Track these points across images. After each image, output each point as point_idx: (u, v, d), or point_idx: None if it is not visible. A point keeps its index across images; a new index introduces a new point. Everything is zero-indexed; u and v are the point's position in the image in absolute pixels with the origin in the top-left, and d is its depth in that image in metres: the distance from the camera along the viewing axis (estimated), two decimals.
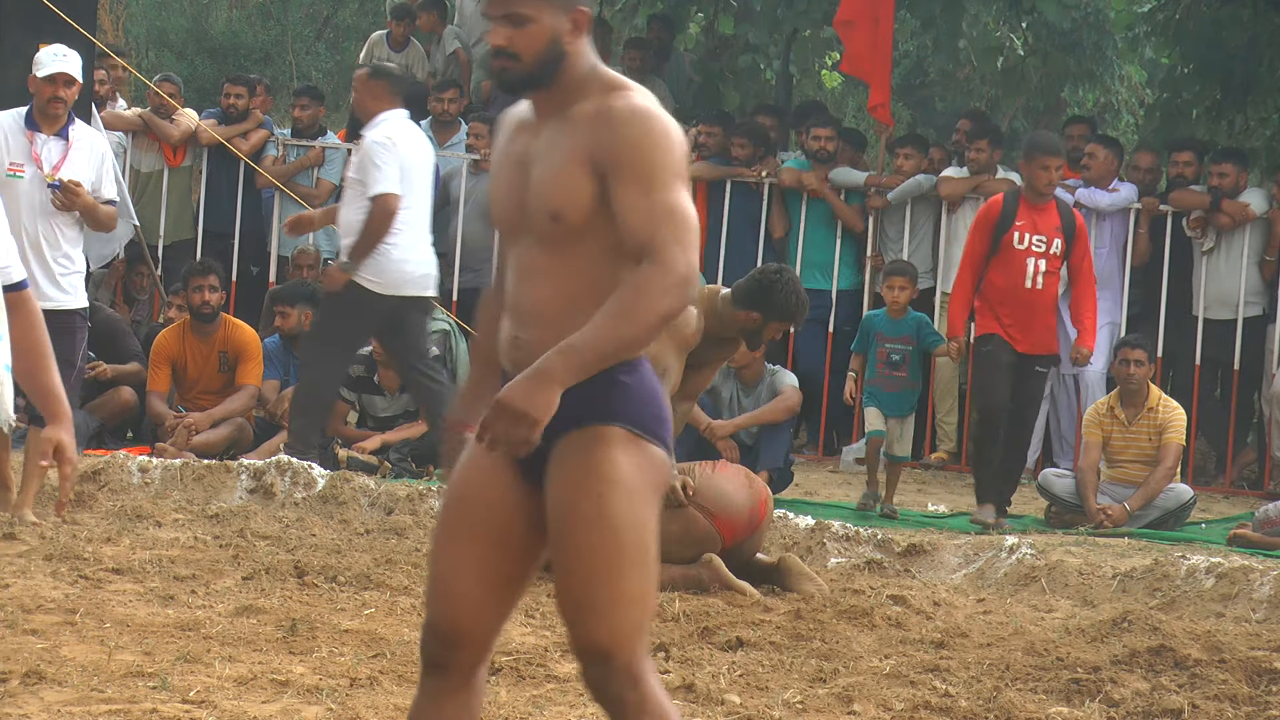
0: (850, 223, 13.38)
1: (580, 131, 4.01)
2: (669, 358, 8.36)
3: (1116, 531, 10.41)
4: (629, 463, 4.01)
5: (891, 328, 10.76)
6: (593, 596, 3.96)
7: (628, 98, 4.01)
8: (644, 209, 3.93)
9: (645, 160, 3.95)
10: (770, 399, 11.03)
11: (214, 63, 22.34)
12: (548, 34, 4.03)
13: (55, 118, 8.88)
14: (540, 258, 4.06)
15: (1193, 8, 15.02)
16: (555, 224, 4.01)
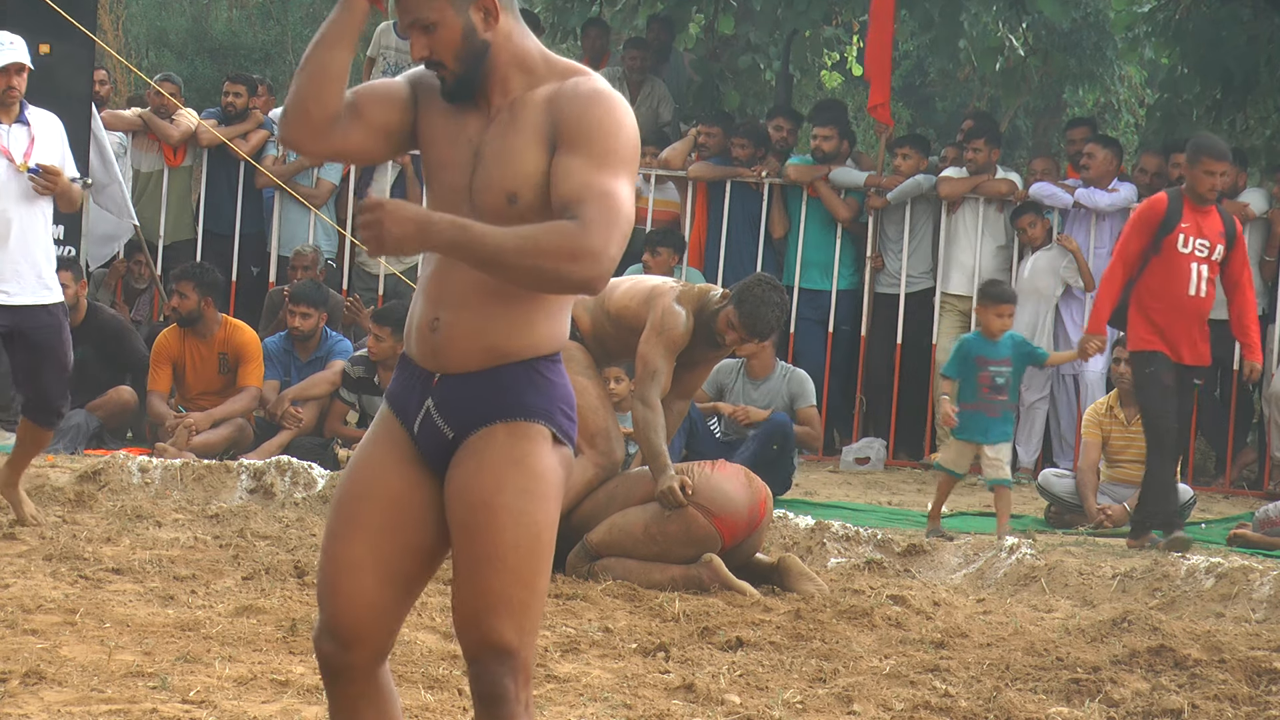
0: (838, 213, 13.38)
1: (537, 112, 3.93)
2: (658, 359, 8.38)
3: (1116, 531, 10.41)
4: (550, 461, 3.97)
5: (992, 350, 10.04)
6: (510, 593, 3.89)
7: (591, 80, 3.94)
8: (583, 180, 3.83)
9: (600, 140, 3.86)
10: (788, 397, 11.01)
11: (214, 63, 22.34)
12: (459, 32, 3.94)
13: (10, 107, 8.82)
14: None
15: (1193, 8, 15.02)
16: (510, 205, 3.92)
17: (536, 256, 3.77)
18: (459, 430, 3.97)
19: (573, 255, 3.78)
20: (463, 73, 3.96)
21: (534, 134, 3.91)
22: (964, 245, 13.22)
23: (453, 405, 3.98)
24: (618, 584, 8.12)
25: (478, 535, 3.90)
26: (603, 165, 3.85)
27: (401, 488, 4.02)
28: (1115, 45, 17.56)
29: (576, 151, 3.85)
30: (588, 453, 8.48)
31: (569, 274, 3.79)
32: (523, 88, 3.98)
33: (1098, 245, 12.98)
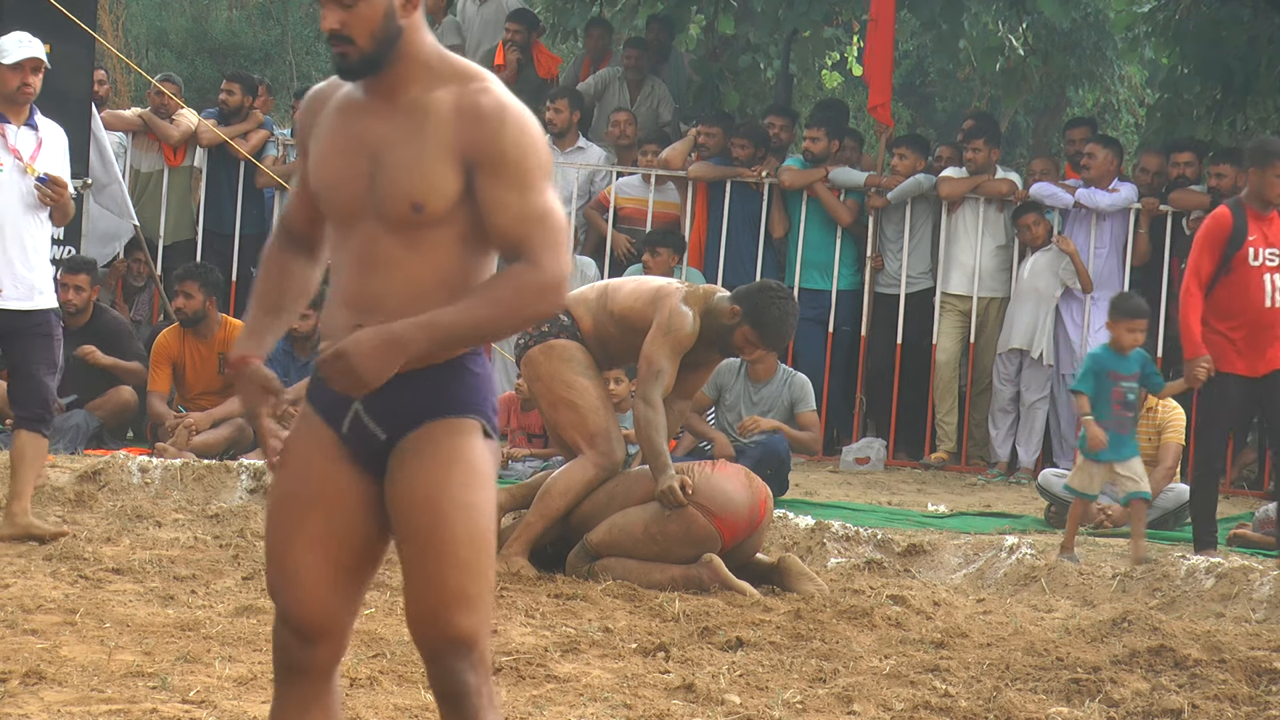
0: (837, 215, 13.38)
1: (444, 123, 3.94)
2: (663, 360, 8.38)
3: (1116, 531, 10.41)
4: (485, 453, 4.02)
5: (1124, 365, 9.68)
6: (465, 587, 3.94)
7: (495, 93, 3.95)
8: (517, 210, 3.91)
9: (520, 162, 3.92)
10: (789, 402, 11.00)
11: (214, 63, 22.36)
12: (380, 11, 3.95)
13: (22, 107, 8.68)
14: (389, 245, 3.97)
15: (1193, 8, 15.02)
16: (415, 213, 3.94)
17: (511, 314, 3.90)
18: (392, 431, 4.01)
19: (539, 294, 3.90)
20: (372, 52, 3.96)
21: (443, 148, 3.94)
22: (964, 245, 13.22)
23: (383, 407, 4.01)
24: (618, 584, 8.12)
25: (428, 533, 3.94)
26: (527, 187, 3.92)
27: (336, 487, 4.06)
28: (1115, 45, 17.58)
29: (497, 177, 3.92)
30: (588, 453, 8.48)
31: (542, 311, 3.95)
32: (423, 87, 3.99)
33: (1098, 246, 12.98)
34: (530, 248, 3.89)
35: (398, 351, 3.86)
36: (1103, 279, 12.99)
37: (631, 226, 13.79)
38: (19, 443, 8.52)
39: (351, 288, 4.02)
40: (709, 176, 13.62)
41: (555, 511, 8.44)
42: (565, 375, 8.53)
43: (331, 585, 4.06)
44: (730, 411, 11.19)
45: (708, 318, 8.46)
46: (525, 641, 6.90)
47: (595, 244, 13.97)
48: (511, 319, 3.91)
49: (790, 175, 13.39)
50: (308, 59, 23.72)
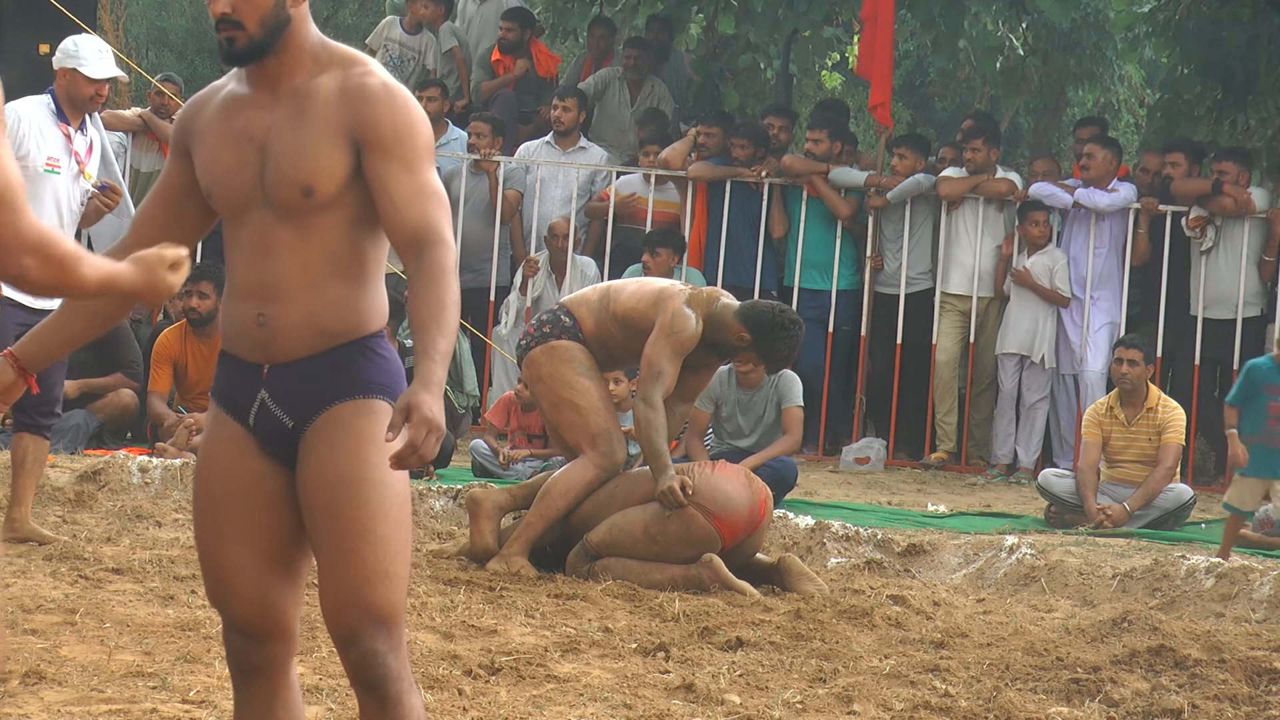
0: (836, 208, 13.37)
1: (329, 106, 3.99)
2: (665, 361, 8.39)
3: (1116, 531, 10.42)
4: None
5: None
6: (384, 565, 3.94)
7: (377, 75, 4.01)
8: (410, 188, 3.95)
9: (408, 141, 3.97)
10: (777, 399, 10.99)
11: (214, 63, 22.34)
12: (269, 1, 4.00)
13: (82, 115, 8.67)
14: (282, 232, 4.01)
15: (1193, 8, 15.02)
16: (305, 198, 3.98)
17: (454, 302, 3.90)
18: (299, 417, 4.02)
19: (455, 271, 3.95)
20: (260, 39, 4.01)
21: (329, 129, 3.98)
22: (964, 245, 13.22)
23: (288, 393, 4.03)
24: (618, 584, 8.12)
25: (344, 513, 3.95)
26: (416, 166, 3.97)
27: (253, 481, 4.07)
28: (1115, 45, 17.57)
29: (387, 157, 3.96)
30: (589, 454, 8.48)
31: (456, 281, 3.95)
32: (307, 74, 4.03)
33: (1098, 245, 12.98)
34: (431, 223, 3.94)
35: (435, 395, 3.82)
36: (1102, 279, 12.99)
37: (631, 226, 13.79)
38: (21, 446, 8.44)
39: (247, 278, 4.04)
40: (709, 176, 13.62)
41: (556, 512, 8.45)
42: (567, 376, 8.54)
43: (266, 581, 4.06)
44: (728, 422, 11.19)
45: (711, 324, 8.48)
46: (525, 641, 6.90)
47: (595, 244, 13.96)
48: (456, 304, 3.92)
49: (793, 161, 13.39)
50: None
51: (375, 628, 3.92)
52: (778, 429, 10.99)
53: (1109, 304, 12.96)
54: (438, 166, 11.80)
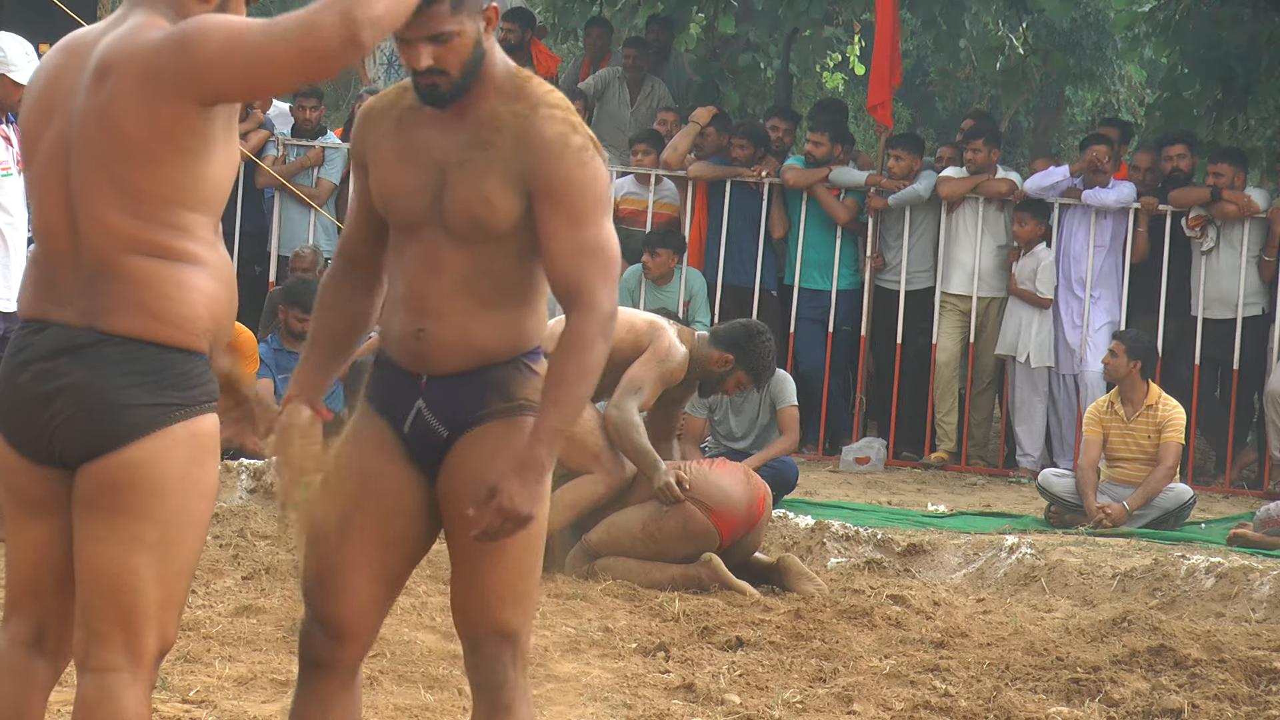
0: (834, 214, 13.37)
1: (506, 147, 4.00)
2: (647, 381, 8.45)
3: (1116, 531, 10.42)
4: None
5: None
6: (513, 582, 4.05)
7: (556, 120, 4.00)
8: (572, 244, 3.96)
9: (576, 195, 3.97)
10: (770, 400, 10.99)
11: None
12: (471, 42, 3.99)
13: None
14: (451, 254, 4.05)
15: (1193, 8, 15.01)
16: (477, 229, 4.02)
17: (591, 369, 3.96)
18: (453, 429, 4.07)
19: (599, 337, 3.97)
20: (462, 80, 4.01)
21: (504, 171, 3.99)
22: (964, 245, 13.21)
23: (445, 405, 4.08)
24: (617, 584, 8.12)
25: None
26: (582, 221, 3.98)
27: (392, 486, 4.11)
28: (1115, 45, 17.57)
29: (553, 208, 3.98)
30: (597, 471, 8.50)
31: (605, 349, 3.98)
32: (492, 102, 4.04)
33: (1097, 244, 12.97)
34: (583, 285, 3.96)
35: (541, 478, 3.94)
36: (1101, 278, 12.99)
37: (630, 227, 13.79)
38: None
39: (412, 292, 4.09)
40: (709, 176, 13.62)
41: (561, 523, 8.44)
42: None
43: (367, 585, 4.11)
44: (721, 425, 11.20)
45: (694, 359, 8.72)
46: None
47: None
48: (591, 375, 3.97)
49: (794, 174, 13.38)
50: None
51: (497, 636, 4.06)
52: (772, 429, 10.99)
53: (1109, 304, 12.95)
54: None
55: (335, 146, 13.88)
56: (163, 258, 3.61)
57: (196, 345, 3.66)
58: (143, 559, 3.63)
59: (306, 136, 13.92)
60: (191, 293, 3.63)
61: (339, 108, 20.90)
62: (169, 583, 3.66)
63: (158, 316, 3.61)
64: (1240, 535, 10.14)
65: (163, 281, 3.61)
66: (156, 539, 3.64)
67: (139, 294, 3.61)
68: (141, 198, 3.59)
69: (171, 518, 3.65)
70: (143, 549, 3.63)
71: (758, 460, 10.44)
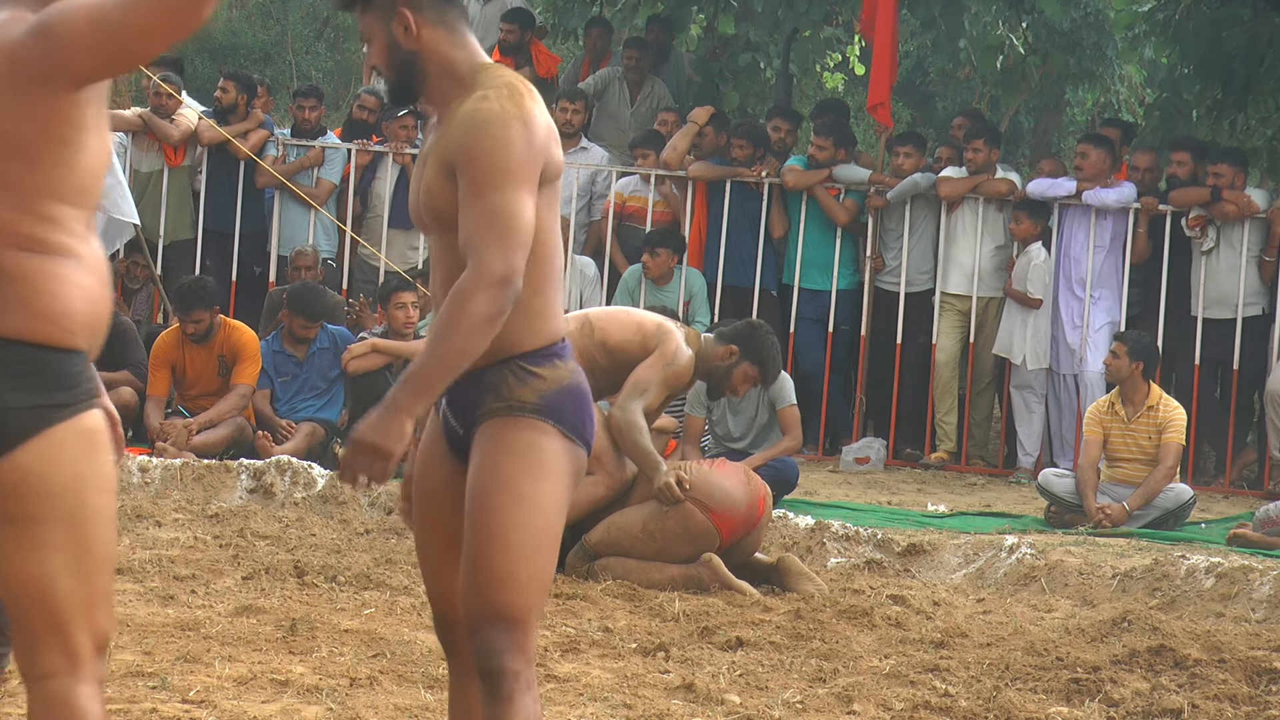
0: (834, 215, 13.38)
1: (446, 135, 4.17)
2: (653, 384, 8.45)
3: (1116, 531, 10.42)
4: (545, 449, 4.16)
5: None
6: (512, 569, 4.11)
7: (482, 99, 4.12)
8: (471, 212, 4.07)
9: (475, 164, 4.08)
10: (769, 400, 10.99)
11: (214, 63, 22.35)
12: (385, 43, 4.21)
13: None
14: (437, 251, 4.25)
15: (1193, 8, 15.01)
16: (435, 220, 4.19)
17: (459, 329, 4.02)
18: (465, 427, 4.26)
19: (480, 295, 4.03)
20: (399, 81, 4.24)
21: (440, 156, 4.17)
22: (963, 245, 13.21)
23: (456, 405, 4.28)
24: (617, 584, 8.12)
25: (475, 520, 4.14)
26: (480, 190, 4.07)
27: (444, 479, 4.32)
28: (1115, 45, 17.56)
29: (462, 181, 4.10)
30: (598, 472, 8.50)
31: (488, 309, 4.02)
32: (459, 98, 4.19)
33: (1097, 245, 12.97)
34: (473, 245, 4.06)
35: (394, 415, 4.03)
36: (1101, 278, 12.99)
37: (633, 225, 13.80)
38: None
39: (432, 292, 4.32)
40: (709, 176, 13.62)
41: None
42: None
43: (447, 571, 4.29)
44: (719, 425, 11.20)
45: (700, 359, 8.73)
46: None
47: (594, 245, 13.96)
48: (467, 331, 4.02)
49: (794, 176, 13.38)
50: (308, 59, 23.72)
51: (494, 626, 4.11)
52: (771, 429, 10.99)
53: (1109, 304, 12.95)
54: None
55: (335, 146, 13.88)
56: (37, 252, 3.56)
57: (73, 343, 3.61)
58: (56, 561, 3.60)
59: (306, 136, 13.92)
60: (68, 287, 3.57)
61: (339, 108, 20.91)
62: (88, 579, 3.63)
63: (35, 313, 3.55)
64: (1240, 535, 10.15)
65: (38, 276, 3.56)
66: (64, 539, 3.60)
67: (15, 289, 3.55)
68: (16, 190, 3.55)
69: (75, 515, 3.61)
70: (53, 551, 3.59)
71: (758, 460, 10.45)
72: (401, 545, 8.90)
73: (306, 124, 13.97)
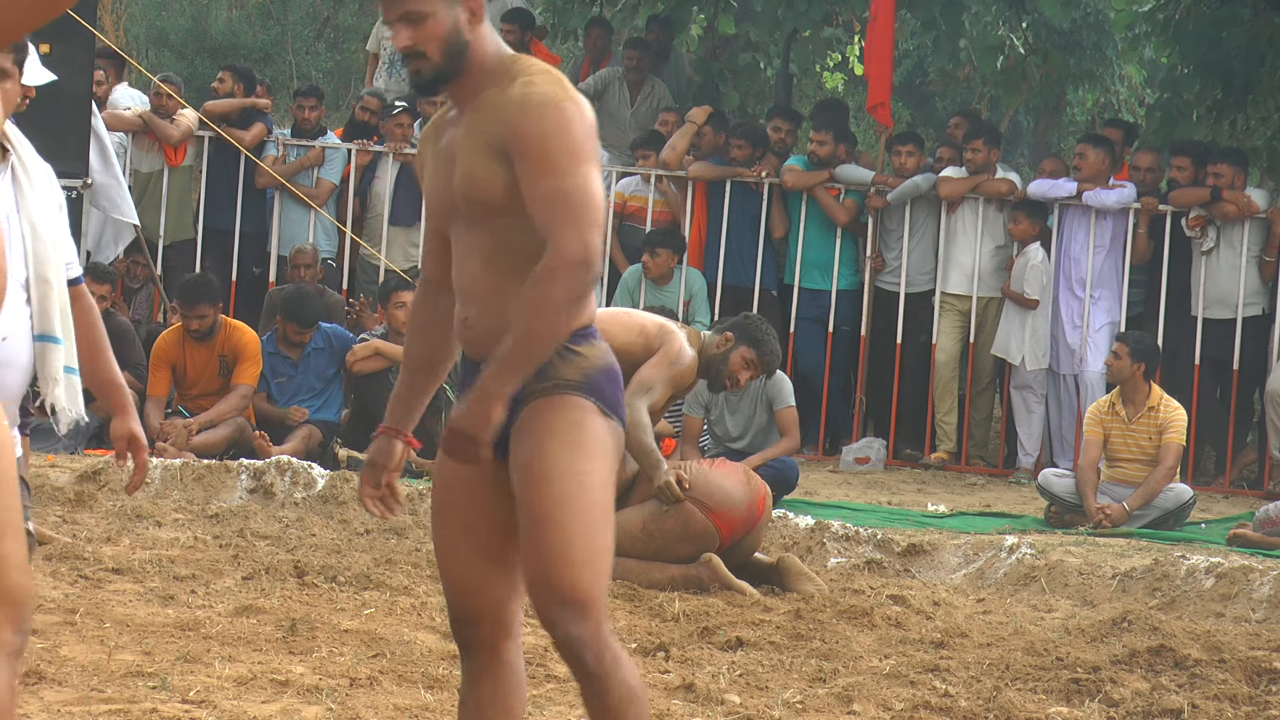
0: (834, 215, 13.38)
1: (487, 119, 4.16)
2: (658, 382, 8.45)
3: (1116, 531, 10.42)
4: (592, 426, 4.20)
5: None
6: (571, 549, 4.11)
7: (528, 84, 4.14)
8: (541, 191, 4.08)
9: (541, 145, 4.09)
10: (767, 400, 11.00)
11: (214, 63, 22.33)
12: (446, 25, 4.17)
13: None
14: (473, 239, 4.22)
15: (1193, 8, 15.01)
16: (483, 208, 4.17)
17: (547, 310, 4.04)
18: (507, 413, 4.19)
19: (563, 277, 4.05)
20: (443, 65, 4.19)
21: (485, 141, 4.16)
22: (963, 245, 13.21)
23: None
24: (617, 584, 8.11)
25: (528, 502, 4.15)
26: (548, 172, 4.09)
27: (476, 472, 4.25)
28: (1115, 45, 17.56)
29: (523, 166, 4.11)
30: None
31: (571, 290, 4.05)
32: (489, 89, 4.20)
33: (1097, 245, 12.97)
34: (550, 229, 4.06)
35: (486, 402, 4.06)
36: (1102, 278, 12.99)
37: (634, 225, 13.80)
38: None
39: (458, 283, 4.29)
40: (709, 176, 13.62)
41: None
42: None
43: (473, 566, 4.28)
44: (717, 425, 11.20)
45: (702, 355, 8.72)
46: (525, 641, 6.87)
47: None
48: (551, 314, 4.05)
49: (793, 176, 13.38)
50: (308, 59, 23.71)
51: (563, 609, 4.12)
52: (770, 430, 11.00)
53: (1109, 304, 12.95)
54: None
55: (335, 146, 13.88)
56: None
57: None
58: None
59: (306, 136, 13.92)
60: None
61: (339, 108, 20.91)
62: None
63: None
64: (1240, 535, 10.15)
65: None
66: None
67: None
68: None
69: None
70: None
71: (759, 460, 10.45)
72: (401, 545, 8.90)
73: (306, 124, 13.97)
